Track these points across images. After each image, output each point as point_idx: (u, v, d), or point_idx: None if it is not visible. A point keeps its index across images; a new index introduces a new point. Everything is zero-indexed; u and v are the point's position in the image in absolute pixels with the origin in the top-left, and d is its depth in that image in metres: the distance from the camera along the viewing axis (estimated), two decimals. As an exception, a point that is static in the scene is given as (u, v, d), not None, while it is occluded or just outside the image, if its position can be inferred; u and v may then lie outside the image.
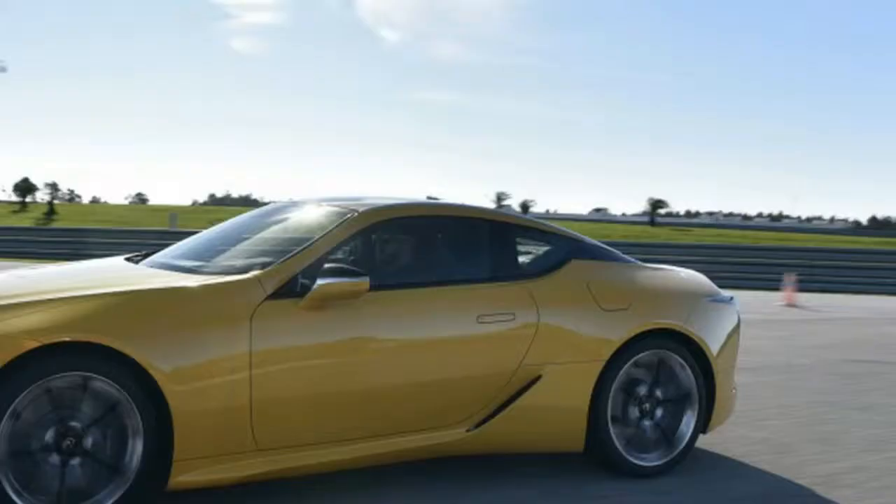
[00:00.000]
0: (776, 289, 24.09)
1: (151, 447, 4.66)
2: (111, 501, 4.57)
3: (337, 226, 5.55)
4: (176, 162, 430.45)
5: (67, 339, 4.44)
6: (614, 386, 5.94)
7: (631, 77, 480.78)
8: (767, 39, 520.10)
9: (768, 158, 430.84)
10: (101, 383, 4.52)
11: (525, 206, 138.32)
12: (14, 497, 4.33)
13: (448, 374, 5.53)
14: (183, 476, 4.76)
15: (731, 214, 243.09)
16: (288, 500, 5.29)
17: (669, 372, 6.19)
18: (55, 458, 4.48)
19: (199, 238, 6.51)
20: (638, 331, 6.02)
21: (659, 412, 6.16)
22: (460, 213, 6.17)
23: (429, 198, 7.24)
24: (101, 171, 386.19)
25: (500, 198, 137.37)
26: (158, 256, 6.24)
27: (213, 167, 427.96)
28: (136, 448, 4.63)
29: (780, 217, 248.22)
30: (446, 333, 5.58)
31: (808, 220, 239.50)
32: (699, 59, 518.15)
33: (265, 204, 7.26)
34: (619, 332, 5.95)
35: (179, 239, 7.07)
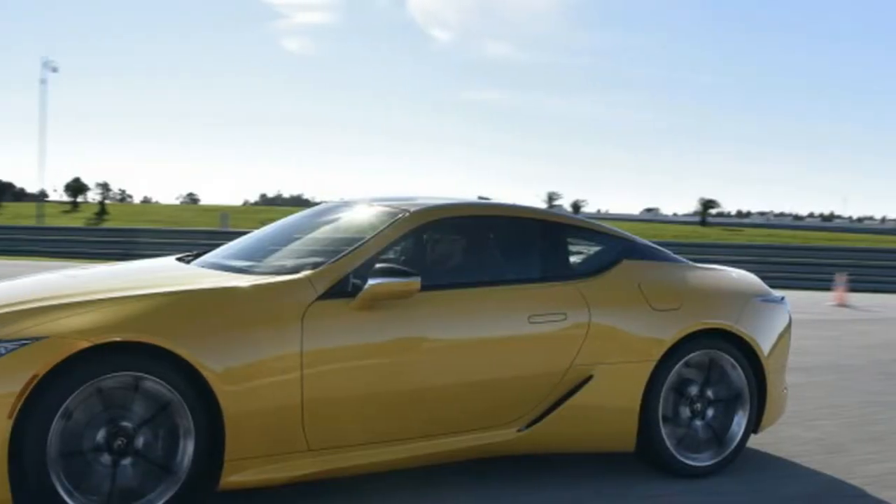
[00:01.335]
0: (827, 289, 23.87)
1: (202, 447, 4.67)
2: (162, 501, 4.58)
3: (388, 226, 5.54)
4: (227, 162, 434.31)
5: (118, 339, 4.46)
6: (665, 386, 5.90)
7: (682, 76, 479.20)
8: (819, 39, 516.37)
9: (820, 158, 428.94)
10: (153, 383, 4.54)
11: (576, 206, 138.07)
12: (65, 497, 4.35)
13: (499, 374, 5.51)
14: (234, 476, 4.77)
15: (782, 214, 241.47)
16: (337, 500, 5.29)
17: (720, 372, 6.15)
18: (107, 458, 4.50)
19: (250, 238, 6.54)
20: (689, 331, 5.98)
21: (710, 412, 6.12)
22: (511, 213, 6.14)
23: (480, 198, 7.22)
24: (152, 171, 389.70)
25: (551, 198, 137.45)
26: (209, 256, 6.27)
27: (264, 167, 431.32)
28: (188, 448, 4.64)
29: (831, 217, 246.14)
30: (497, 333, 5.55)
31: (860, 220, 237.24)
32: (750, 59, 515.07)
33: (316, 204, 7.27)
34: (670, 332, 5.92)
35: (230, 239, 7.11)
